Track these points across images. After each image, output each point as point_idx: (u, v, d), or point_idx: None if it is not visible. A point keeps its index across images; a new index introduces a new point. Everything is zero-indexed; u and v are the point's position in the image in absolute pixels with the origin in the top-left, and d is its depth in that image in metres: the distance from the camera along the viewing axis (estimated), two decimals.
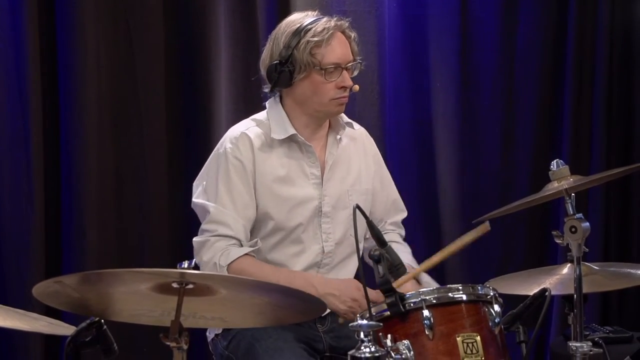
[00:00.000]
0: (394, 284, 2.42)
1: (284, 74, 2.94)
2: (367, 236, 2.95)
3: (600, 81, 4.18)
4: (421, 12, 4.06)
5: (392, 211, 3.21)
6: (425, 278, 2.98)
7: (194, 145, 3.67)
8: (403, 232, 3.25)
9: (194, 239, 2.95)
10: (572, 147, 4.16)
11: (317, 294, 2.81)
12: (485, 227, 2.75)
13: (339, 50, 2.95)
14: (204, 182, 2.98)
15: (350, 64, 2.97)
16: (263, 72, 3.00)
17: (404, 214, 3.26)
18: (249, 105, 3.14)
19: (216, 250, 2.89)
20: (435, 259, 2.83)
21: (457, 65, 4.10)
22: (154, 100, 3.66)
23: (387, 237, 2.62)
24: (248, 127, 3.00)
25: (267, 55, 2.99)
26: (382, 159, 3.23)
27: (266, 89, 3.02)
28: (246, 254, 2.90)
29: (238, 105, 3.66)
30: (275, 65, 2.94)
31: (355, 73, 3.01)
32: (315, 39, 2.91)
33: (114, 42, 3.61)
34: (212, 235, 2.91)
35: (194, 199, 2.99)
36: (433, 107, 4.08)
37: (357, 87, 3.01)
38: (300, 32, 2.93)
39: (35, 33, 3.47)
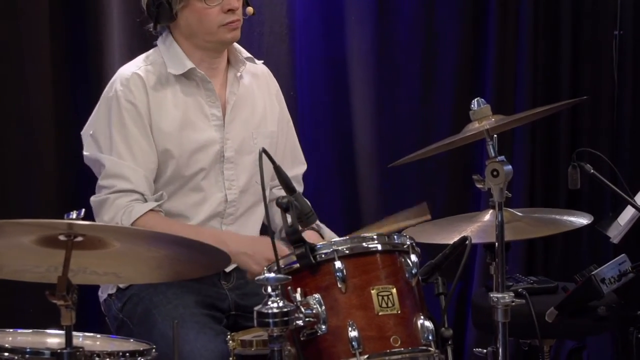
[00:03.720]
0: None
1: (163, 6, 2.83)
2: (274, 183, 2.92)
3: (526, 15, 4.13)
4: None
5: (289, 160, 3.07)
6: (328, 233, 2.93)
7: (84, 84, 3.49)
8: (302, 189, 3.08)
9: (92, 198, 2.83)
10: (495, 86, 4.12)
11: (228, 252, 2.74)
12: (424, 211, 2.69)
13: None
14: (95, 132, 2.86)
15: None
16: (144, 8, 2.90)
17: (304, 167, 3.15)
18: (146, 40, 3.00)
19: (118, 209, 2.77)
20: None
21: None
22: (37, 33, 3.46)
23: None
24: (140, 67, 2.89)
25: None
26: (283, 98, 3.13)
27: (151, 27, 2.91)
28: (151, 210, 2.79)
29: (132, 40, 3.49)
30: None
31: None
32: None
33: None
34: (111, 192, 2.80)
35: (85, 152, 2.88)
36: (347, 42, 3.99)
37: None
38: None
39: None
